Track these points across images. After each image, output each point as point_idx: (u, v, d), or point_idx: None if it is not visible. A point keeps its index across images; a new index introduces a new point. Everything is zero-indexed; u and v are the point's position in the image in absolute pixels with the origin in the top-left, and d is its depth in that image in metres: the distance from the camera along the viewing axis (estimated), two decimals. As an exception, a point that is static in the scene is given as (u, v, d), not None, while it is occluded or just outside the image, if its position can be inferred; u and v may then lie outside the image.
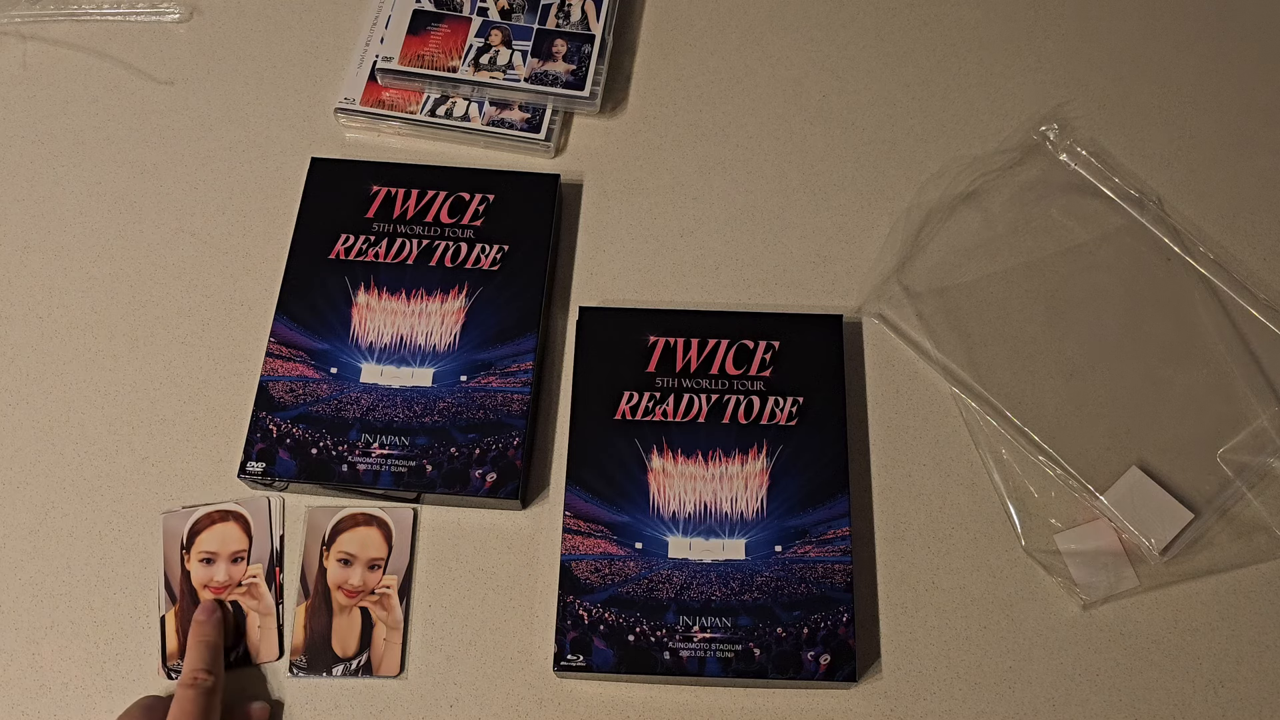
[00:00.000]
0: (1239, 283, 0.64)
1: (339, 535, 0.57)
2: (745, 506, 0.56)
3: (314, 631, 0.55)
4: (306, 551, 0.57)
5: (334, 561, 0.56)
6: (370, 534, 0.57)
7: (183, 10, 0.73)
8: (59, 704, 0.54)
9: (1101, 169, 0.67)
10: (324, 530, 0.57)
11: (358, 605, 0.56)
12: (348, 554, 0.57)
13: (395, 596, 0.56)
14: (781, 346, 0.60)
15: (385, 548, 0.57)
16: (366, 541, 0.57)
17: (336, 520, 0.58)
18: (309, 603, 0.56)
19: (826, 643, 0.53)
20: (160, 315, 0.64)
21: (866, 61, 0.72)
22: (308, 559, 0.57)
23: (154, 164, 0.68)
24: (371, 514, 0.58)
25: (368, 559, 0.57)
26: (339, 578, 0.56)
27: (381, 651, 0.55)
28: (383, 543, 0.57)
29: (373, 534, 0.57)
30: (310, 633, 0.55)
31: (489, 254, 0.62)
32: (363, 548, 0.57)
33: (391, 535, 0.57)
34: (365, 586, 0.56)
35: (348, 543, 0.57)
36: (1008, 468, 0.59)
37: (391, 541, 0.57)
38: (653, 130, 0.70)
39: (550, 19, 0.70)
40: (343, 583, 0.56)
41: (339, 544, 0.57)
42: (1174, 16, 0.74)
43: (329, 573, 0.56)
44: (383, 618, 0.55)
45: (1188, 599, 0.56)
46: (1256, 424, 0.60)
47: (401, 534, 0.57)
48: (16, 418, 0.61)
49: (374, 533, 0.57)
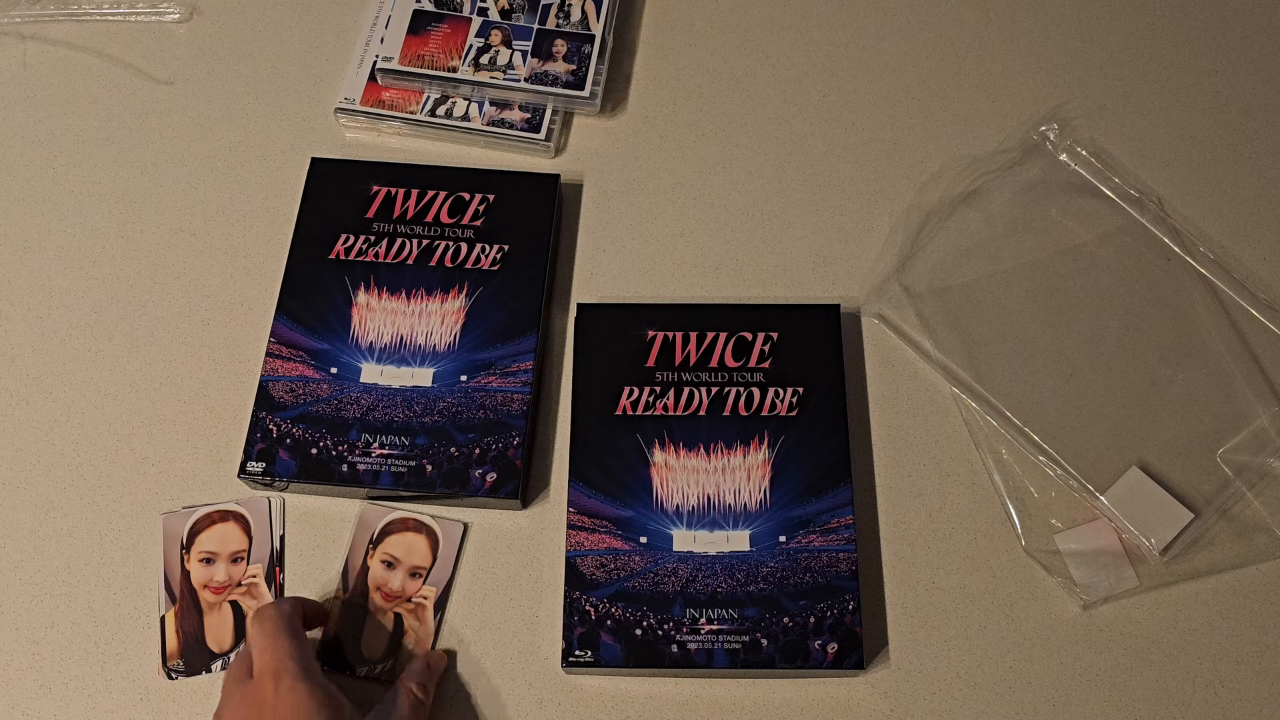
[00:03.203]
0: (1239, 283, 0.64)
1: (387, 537, 0.57)
2: (749, 498, 0.56)
3: (346, 628, 0.55)
4: (353, 547, 0.57)
5: (377, 562, 0.56)
6: (418, 541, 0.57)
7: (183, 10, 0.73)
8: (59, 704, 0.54)
9: (1101, 169, 0.67)
10: (374, 529, 0.57)
11: (393, 610, 0.55)
12: (392, 557, 0.57)
13: (430, 608, 0.56)
14: (780, 337, 0.60)
15: (430, 557, 0.57)
16: (413, 548, 0.57)
17: (387, 521, 0.57)
18: (345, 597, 0.55)
19: (833, 631, 0.53)
20: (160, 315, 0.64)
21: (866, 61, 0.72)
22: (353, 555, 0.57)
23: (154, 164, 0.68)
24: (422, 521, 0.58)
25: (411, 565, 0.56)
26: (380, 579, 0.56)
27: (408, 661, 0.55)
28: (428, 552, 0.57)
29: (420, 541, 0.57)
30: (342, 627, 0.55)
31: (489, 254, 0.62)
32: (408, 554, 0.57)
33: (438, 546, 0.57)
34: (404, 593, 0.56)
35: (394, 546, 0.57)
36: (1008, 468, 0.59)
37: (437, 552, 0.57)
38: (653, 130, 0.70)
39: (550, 19, 0.70)
40: (383, 584, 0.56)
41: (385, 545, 0.57)
42: (1174, 16, 0.74)
43: (370, 572, 0.56)
44: (415, 627, 0.55)
45: (1188, 599, 0.56)
46: (1256, 424, 0.60)
47: (448, 546, 0.57)
48: (17, 418, 0.61)
49: (421, 540, 0.57)
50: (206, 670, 0.55)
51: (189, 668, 0.55)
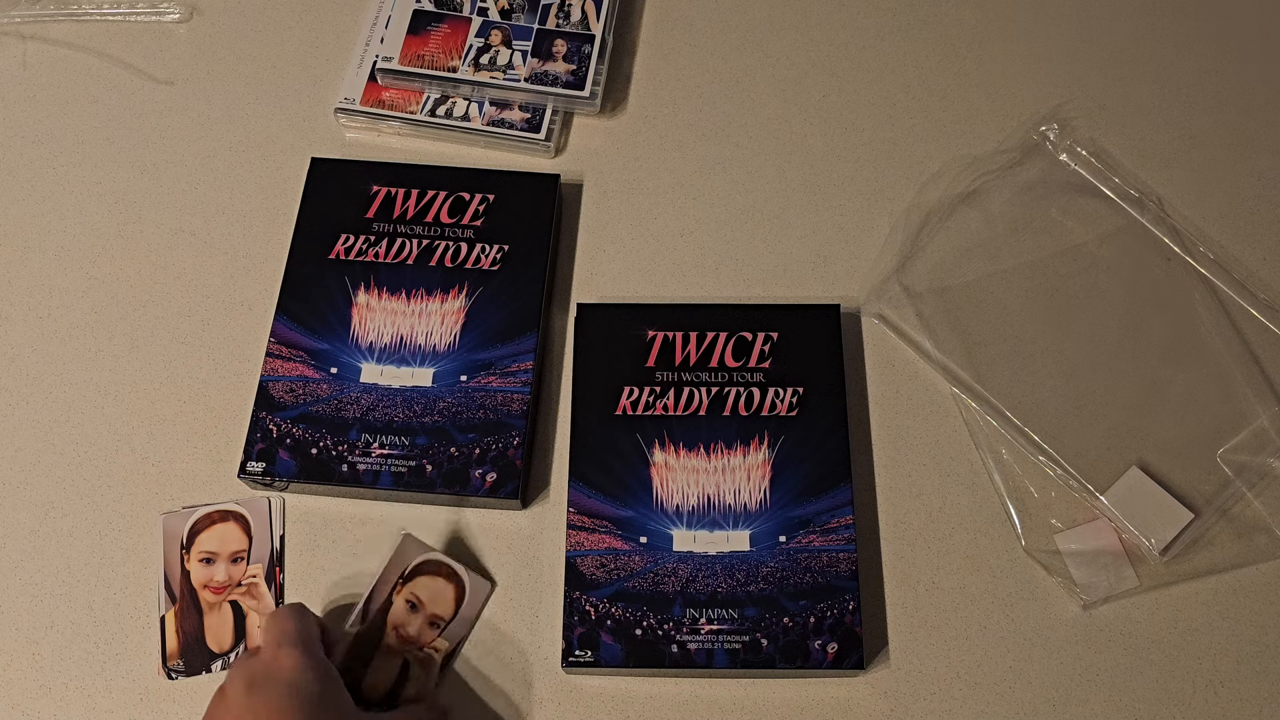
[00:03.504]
0: (1239, 283, 0.64)
1: (418, 577, 0.56)
2: (749, 498, 0.56)
3: (351, 661, 0.53)
4: (383, 578, 0.56)
5: (402, 600, 0.55)
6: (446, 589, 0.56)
7: (183, 10, 0.73)
8: (59, 703, 0.54)
9: (1101, 169, 0.67)
10: (407, 565, 0.56)
11: (403, 655, 0.54)
12: (417, 599, 0.55)
13: (439, 662, 0.54)
14: (780, 337, 0.60)
15: (453, 609, 0.56)
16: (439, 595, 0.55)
17: (421, 560, 0.56)
18: (362, 628, 0.54)
19: (833, 631, 0.53)
20: (160, 315, 0.64)
21: (866, 61, 0.72)
22: (380, 586, 0.55)
23: (154, 164, 0.68)
24: (455, 570, 0.56)
25: (433, 613, 0.55)
26: (400, 619, 0.55)
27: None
28: (453, 603, 0.56)
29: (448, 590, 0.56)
30: (348, 659, 0.53)
31: (489, 254, 0.62)
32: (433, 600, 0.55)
33: (464, 600, 0.56)
34: (420, 640, 0.54)
35: (423, 588, 0.56)
36: (1008, 468, 0.59)
37: (460, 607, 0.55)
38: (653, 130, 0.70)
39: (550, 19, 0.70)
40: (401, 625, 0.55)
41: (414, 585, 0.56)
42: (1174, 16, 0.74)
43: (393, 609, 0.55)
44: (418, 676, 0.54)
45: (1188, 599, 0.56)
46: (1256, 424, 0.60)
47: (473, 603, 0.55)
48: (17, 418, 0.61)
49: (450, 590, 0.56)
50: (206, 670, 0.55)
51: (189, 668, 0.55)
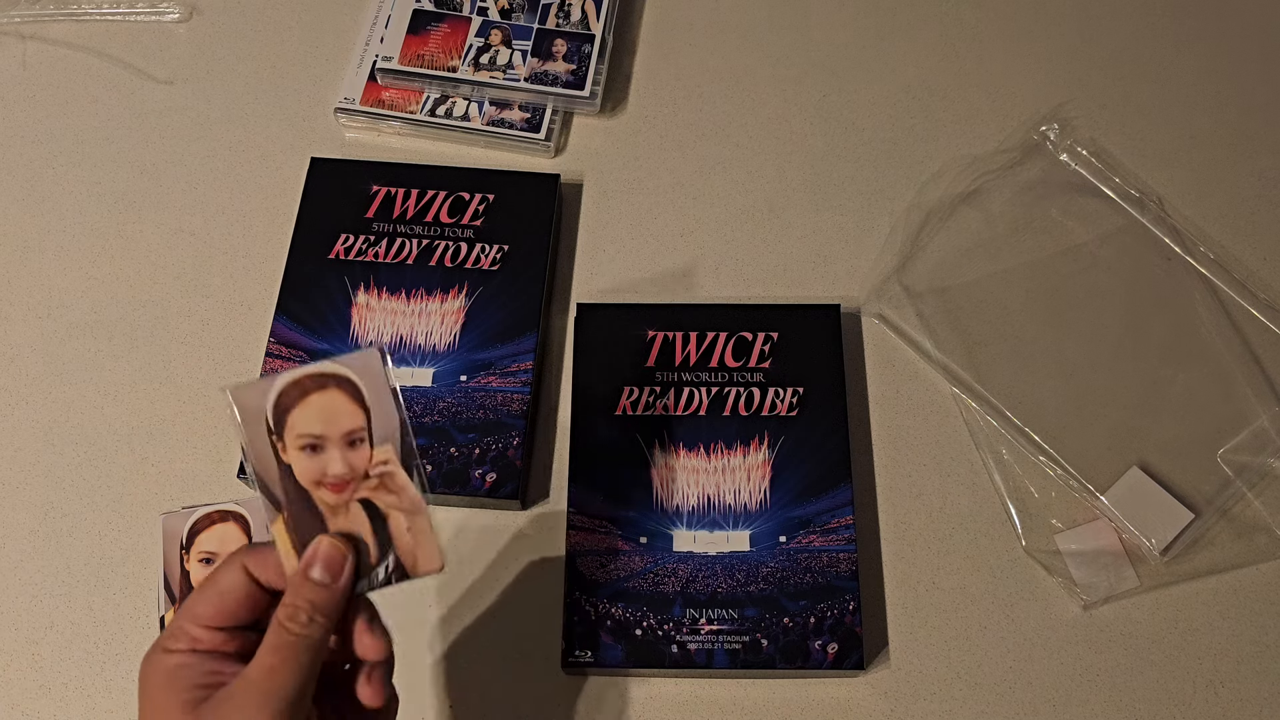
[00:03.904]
0: (1239, 282, 0.64)
1: (289, 414, 0.40)
2: (749, 498, 0.56)
3: None
4: (251, 444, 0.40)
5: (296, 451, 0.41)
6: (334, 400, 0.41)
7: (182, 10, 0.73)
8: (59, 704, 0.54)
9: (1102, 169, 0.67)
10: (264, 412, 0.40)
11: (355, 499, 0.41)
12: (312, 436, 0.40)
13: (398, 471, 0.41)
14: (780, 337, 0.60)
15: (360, 412, 0.41)
16: (332, 412, 0.41)
17: (278, 393, 0.40)
18: (285, 516, 0.40)
19: (834, 631, 0.53)
20: (160, 315, 0.63)
21: (866, 61, 0.72)
22: (257, 453, 0.40)
23: (153, 164, 0.68)
24: (325, 373, 0.41)
25: (342, 434, 0.41)
26: (313, 471, 0.41)
27: (411, 547, 0.41)
28: (354, 406, 0.41)
29: (337, 399, 0.41)
30: None
31: (489, 254, 0.62)
32: (330, 422, 0.40)
33: (361, 392, 0.41)
34: (355, 472, 0.41)
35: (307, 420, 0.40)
36: (1008, 468, 0.59)
37: (365, 401, 0.41)
38: (653, 130, 0.70)
39: (550, 18, 0.70)
40: (321, 476, 0.41)
41: (294, 425, 0.40)
42: (1174, 16, 0.74)
43: (296, 467, 0.41)
44: (393, 503, 0.41)
45: (1188, 599, 0.56)
46: (1257, 424, 0.60)
47: (372, 383, 0.41)
48: (16, 418, 0.61)
49: (338, 397, 0.41)
50: None
51: None
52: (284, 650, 0.37)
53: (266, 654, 0.37)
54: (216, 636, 0.38)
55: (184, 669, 0.37)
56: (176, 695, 0.37)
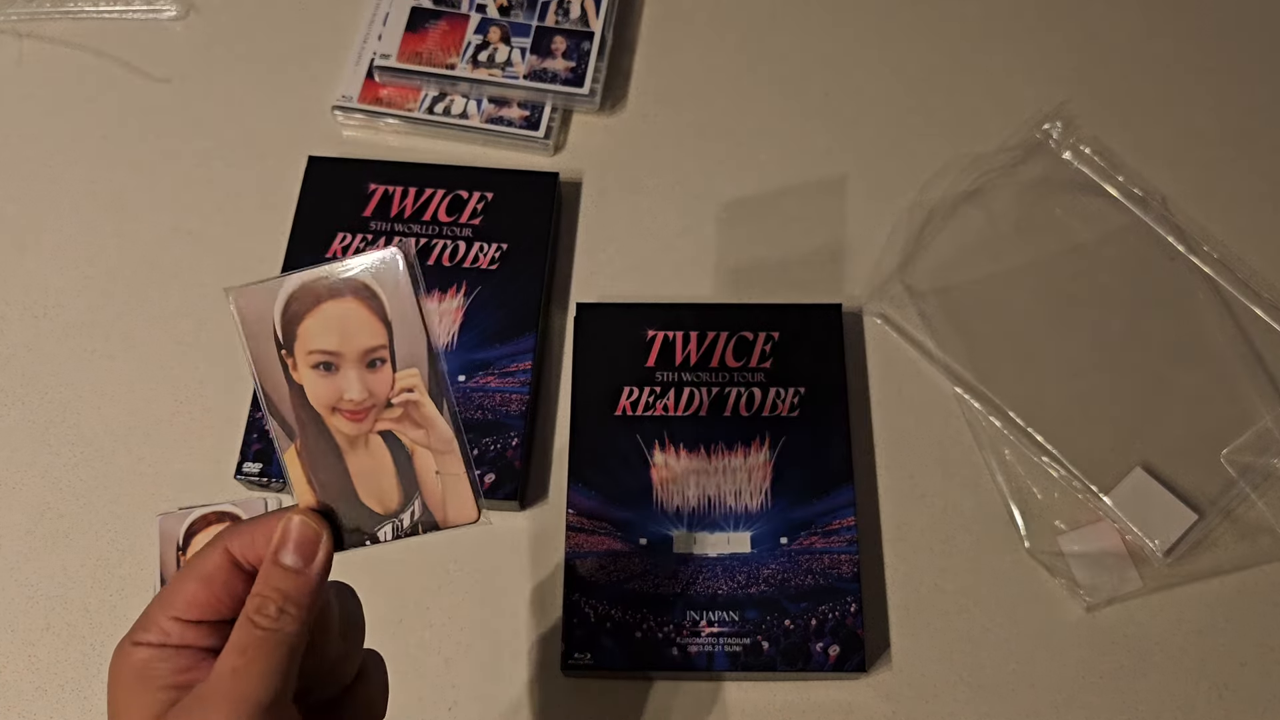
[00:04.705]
0: (1243, 282, 0.63)
1: (301, 324, 0.35)
2: (749, 499, 0.56)
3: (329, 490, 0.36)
4: (256, 358, 0.35)
5: (308, 370, 0.35)
6: (350, 310, 0.35)
7: (179, 7, 0.73)
8: (56, 705, 0.54)
9: (1105, 167, 0.67)
10: (271, 320, 0.35)
11: (375, 431, 0.36)
12: (325, 352, 0.35)
13: (425, 400, 0.36)
14: (781, 337, 0.59)
15: (381, 327, 0.35)
16: (350, 324, 0.35)
17: (288, 297, 0.35)
18: (297, 445, 0.36)
19: (835, 633, 0.53)
20: (156, 315, 0.63)
21: (868, 59, 0.72)
22: (264, 368, 0.35)
23: (150, 162, 0.68)
24: (338, 278, 0.35)
25: (360, 351, 0.35)
26: (326, 394, 0.36)
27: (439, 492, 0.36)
28: (374, 319, 0.35)
29: (354, 309, 0.35)
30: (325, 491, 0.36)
31: (487, 253, 0.62)
32: (347, 336, 0.35)
33: (382, 304, 0.35)
34: (375, 398, 0.36)
35: (319, 333, 0.35)
36: (1011, 468, 0.59)
37: (386, 315, 0.35)
38: (652, 128, 0.69)
39: (549, 16, 0.70)
40: (336, 400, 0.36)
41: (305, 339, 0.35)
42: (1178, 13, 0.73)
43: (308, 389, 0.35)
44: (418, 438, 0.36)
45: (1191, 601, 0.56)
46: (1261, 425, 0.60)
47: (395, 293, 0.35)
48: (12, 419, 0.60)
49: (355, 307, 0.35)
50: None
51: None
52: (252, 649, 0.32)
53: (232, 654, 0.32)
54: (192, 631, 0.33)
55: (152, 666, 0.33)
56: (142, 697, 0.32)
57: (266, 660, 0.32)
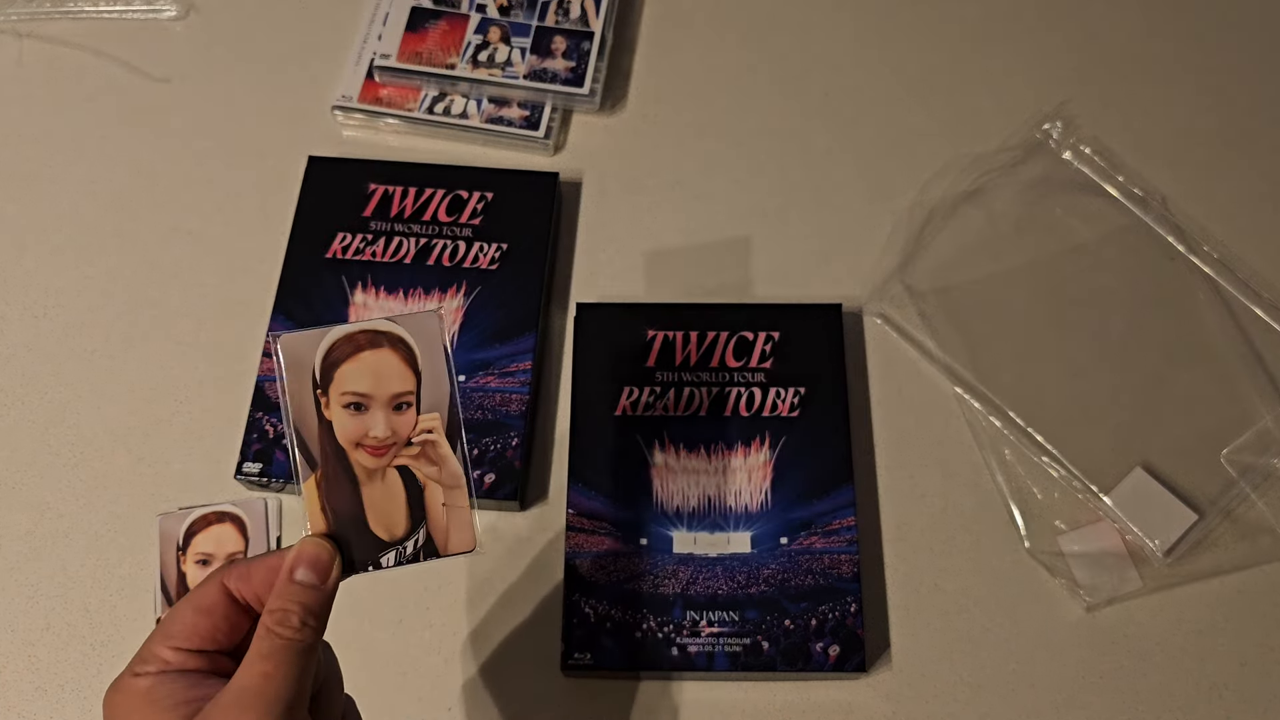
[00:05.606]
0: (1243, 282, 0.63)
1: (337, 370, 0.39)
2: (749, 499, 0.56)
3: (343, 516, 0.39)
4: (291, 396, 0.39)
5: (339, 410, 0.39)
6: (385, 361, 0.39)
7: (179, 7, 0.73)
8: (55, 706, 0.54)
9: (1105, 167, 0.67)
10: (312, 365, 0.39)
11: (392, 466, 0.40)
12: (357, 395, 0.39)
13: (443, 442, 0.40)
14: (781, 337, 0.59)
15: (410, 375, 0.39)
16: (383, 372, 0.39)
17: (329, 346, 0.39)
18: (318, 475, 0.39)
19: (835, 633, 0.53)
20: (156, 315, 0.63)
21: (868, 58, 0.72)
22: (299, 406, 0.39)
23: (150, 162, 0.68)
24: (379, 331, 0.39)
25: (389, 396, 0.39)
26: (353, 431, 0.39)
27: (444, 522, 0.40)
28: (405, 369, 0.39)
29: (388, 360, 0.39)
30: (338, 516, 0.39)
31: (487, 253, 0.62)
32: (379, 382, 0.39)
33: (414, 356, 0.40)
34: (398, 437, 0.40)
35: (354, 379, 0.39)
36: (1011, 468, 0.59)
37: (416, 365, 0.40)
38: (652, 128, 0.69)
39: (549, 16, 0.70)
40: (361, 437, 0.39)
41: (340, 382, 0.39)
42: (1178, 13, 0.73)
43: (337, 426, 0.39)
44: (431, 474, 0.40)
45: (1192, 601, 0.56)
46: (1261, 425, 0.60)
47: (428, 347, 0.39)
48: (11, 419, 0.60)
49: (389, 358, 0.39)
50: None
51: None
52: (278, 655, 0.35)
53: (259, 661, 0.35)
54: (192, 659, 0.36)
55: (158, 690, 0.35)
56: (160, 716, 0.34)
57: (291, 665, 0.35)
